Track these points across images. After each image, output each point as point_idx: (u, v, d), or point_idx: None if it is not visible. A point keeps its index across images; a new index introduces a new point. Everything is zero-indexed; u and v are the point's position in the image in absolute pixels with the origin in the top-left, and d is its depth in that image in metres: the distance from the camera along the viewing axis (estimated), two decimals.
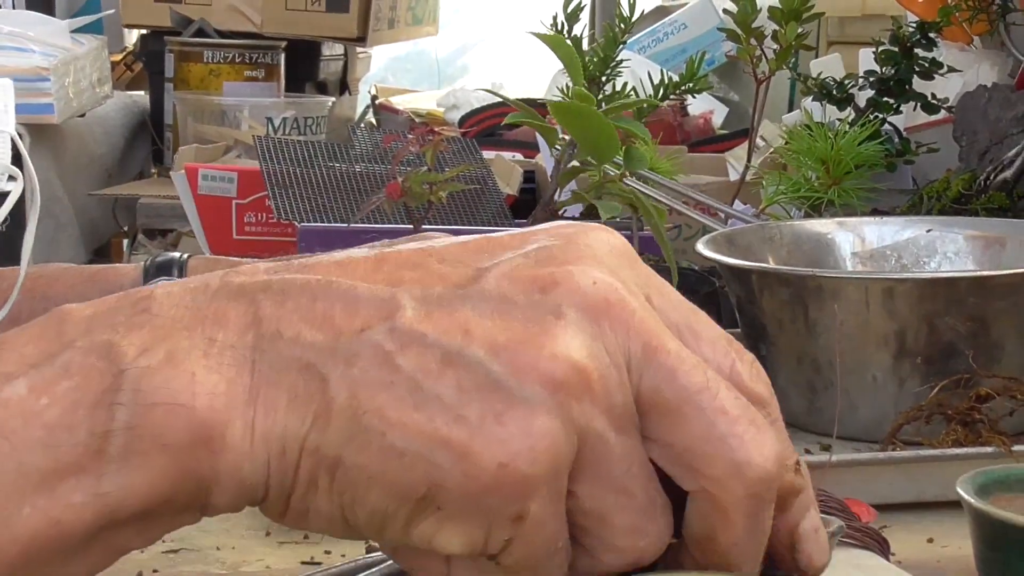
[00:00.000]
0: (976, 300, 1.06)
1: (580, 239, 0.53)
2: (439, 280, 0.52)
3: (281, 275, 0.52)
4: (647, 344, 0.51)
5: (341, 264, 0.53)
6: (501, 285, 0.51)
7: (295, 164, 1.79)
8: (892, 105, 1.60)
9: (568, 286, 0.51)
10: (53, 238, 2.59)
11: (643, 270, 0.54)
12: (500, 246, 0.53)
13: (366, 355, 0.50)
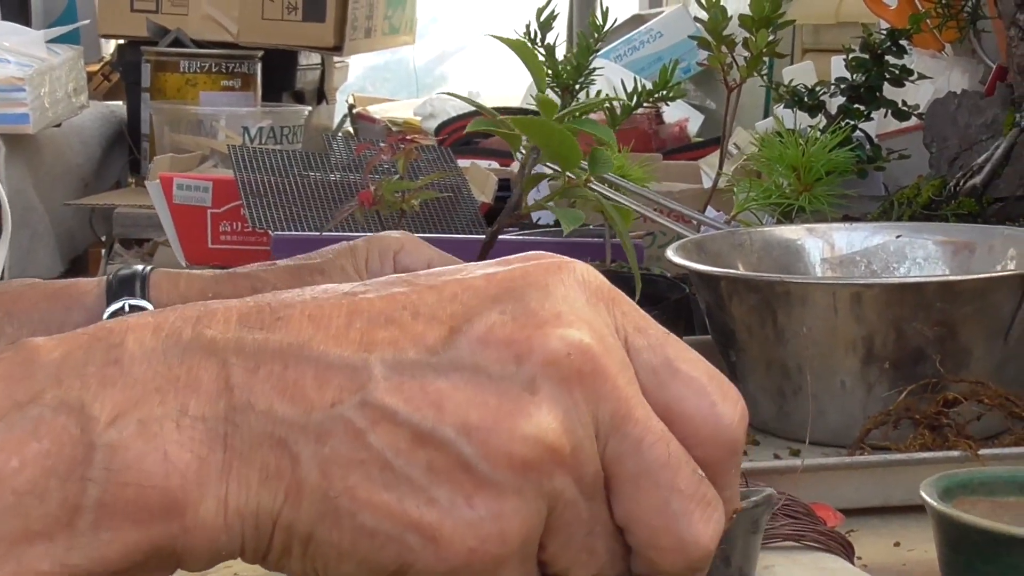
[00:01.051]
0: (944, 305, 1.07)
1: (557, 289, 0.52)
2: (412, 343, 0.51)
3: (254, 334, 0.51)
4: (616, 412, 0.51)
5: (314, 319, 0.52)
6: (475, 353, 0.51)
7: (270, 173, 1.79)
8: (863, 112, 1.61)
9: (543, 356, 0.51)
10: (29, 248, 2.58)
11: (621, 310, 0.54)
12: (475, 294, 0.52)
13: (337, 432, 0.50)
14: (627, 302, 0.54)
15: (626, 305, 0.54)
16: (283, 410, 0.50)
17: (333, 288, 0.54)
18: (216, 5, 2.85)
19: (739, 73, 1.50)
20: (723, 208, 1.62)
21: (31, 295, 1.01)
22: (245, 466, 0.50)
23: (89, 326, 0.53)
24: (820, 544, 0.78)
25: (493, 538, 0.50)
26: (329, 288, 0.54)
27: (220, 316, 0.52)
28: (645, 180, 1.46)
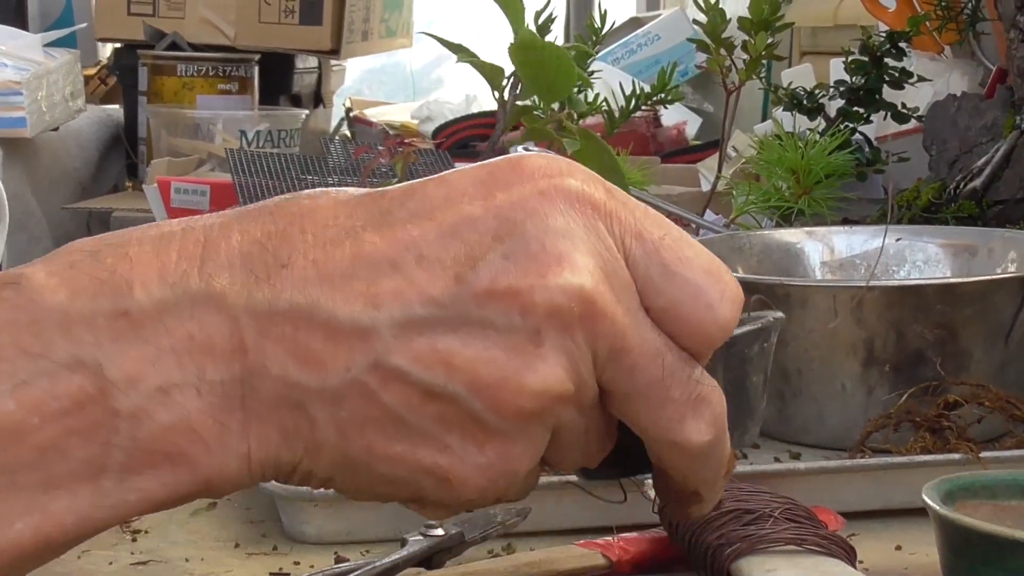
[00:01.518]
0: (944, 308, 1.07)
1: (555, 219, 0.54)
2: (418, 296, 0.53)
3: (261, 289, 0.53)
4: (612, 346, 0.54)
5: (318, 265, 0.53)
6: (482, 306, 0.53)
7: (267, 177, 1.79)
8: (862, 115, 1.61)
9: (546, 308, 0.53)
10: (27, 251, 2.58)
11: (618, 218, 0.55)
12: (475, 227, 0.53)
13: (351, 395, 0.53)
14: (623, 207, 0.55)
15: (622, 211, 0.55)
16: (297, 375, 0.53)
17: (333, 218, 0.54)
18: (213, 8, 2.84)
19: (738, 76, 1.50)
20: (722, 211, 1.61)
21: None
22: (264, 426, 0.53)
23: (85, 257, 0.53)
24: (822, 548, 0.78)
25: (503, 476, 0.55)
26: (328, 219, 0.54)
27: (224, 257, 0.53)
28: (644, 183, 1.46)
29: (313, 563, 0.88)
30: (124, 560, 0.90)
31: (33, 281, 0.52)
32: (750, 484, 0.85)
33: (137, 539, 0.93)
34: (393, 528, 0.90)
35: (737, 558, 0.78)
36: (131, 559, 0.90)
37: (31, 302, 0.52)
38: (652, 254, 0.55)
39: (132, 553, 0.91)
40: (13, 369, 0.51)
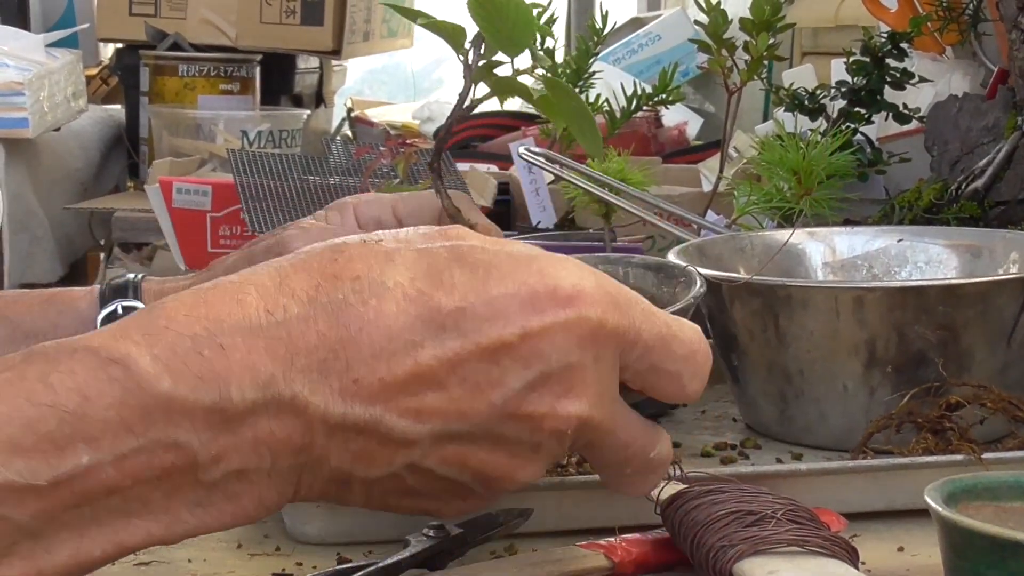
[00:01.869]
0: (946, 309, 1.07)
1: (572, 355, 0.71)
2: (456, 417, 0.70)
3: (336, 400, 0.68)
4: (591, 442, 0.76)
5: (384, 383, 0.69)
6: (502, 423, 0.71)
7: (269, 177, 1.79)
8: (863, 115, 1.61)
9: (552, 428, 0.72)
10: (29, 252, 2.58)
11: (624, 340, 0.74)
12: (508, 353, 0.70)
13: (386, 480, 0.71)
14: (626, 318, 0.73)
15: (625, 324, 0.73)
16: (350, 468, 0.70)
17: (398, 331, 0.69)
18: (214, 9, 2.85)
19: (739, 77, 1.49)
20: (723, 212, 1.61)
21: (25, 300, 1.05)
22: (310, 494, 0.71)
23: (186, 344, 0.66)
24: (825, 549, 0.78)
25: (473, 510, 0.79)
26: (393, 332, 0.69)
27: (304, 361, 0.67)
28: (645, 184, 1.46)
29: (316, 564, 0.88)
30: (127, 560, 0.89)
31: (140, 366, 0.65)
32: (751, 485, 0.85)
33: None
34: (395, 529, 0.90)
35: (739, 559, 0.78)
36: (134, 559, 0.90)
37: (138, 387, 0.65)
38: (643, 357, 0.75)
39: (135, 554, 0.90)
40: (117, 444, 0.64)
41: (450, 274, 0.71)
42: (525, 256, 0.72)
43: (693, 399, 0.78)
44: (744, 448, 1.12)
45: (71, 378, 0.64)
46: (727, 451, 1.11)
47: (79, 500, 0.65)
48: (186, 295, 0.69)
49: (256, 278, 0.69)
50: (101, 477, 0.64)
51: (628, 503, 0.89)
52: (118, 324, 0.68)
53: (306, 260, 0.70)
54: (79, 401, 0.64)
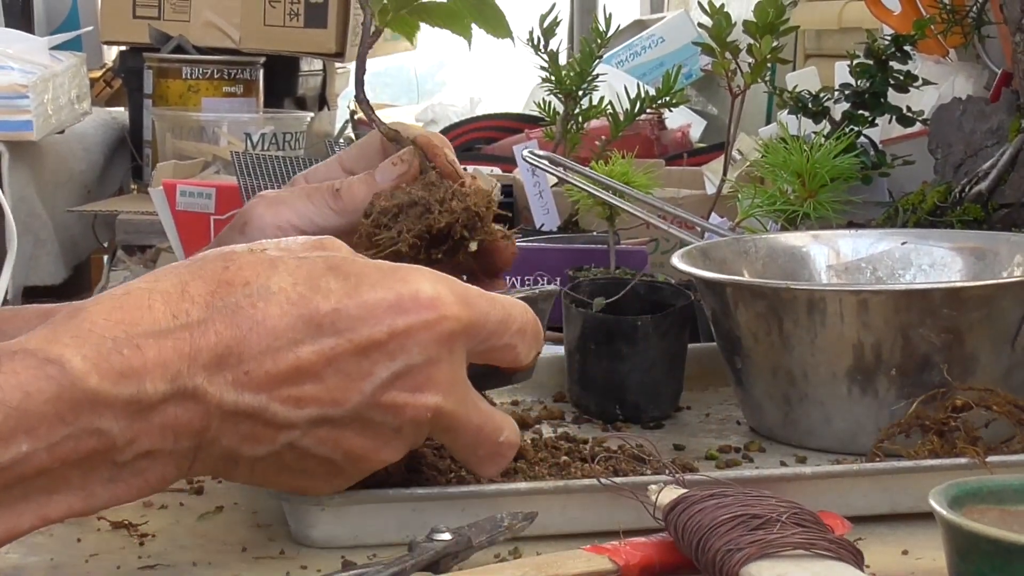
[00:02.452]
0: (950, 311, 1.07)
1: (431, 350, 0.83)
2: (331, 404, 0.82)
3: (230, 390, 0.80)
4: (444, 427, 0.86)
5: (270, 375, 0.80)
6: (369, 409, 0.83)
7: (272, 179, 1.79)
8: (867, 118, 1.61)
9: (412, 416, 0.84)
10: (33, 254, 2.58)
11: (468, 326, 0.85)
12: (377, 348, 0.82)
13: (269, 458, 0.83)
14: (475, 315, 0.85)
15: (473, 321, 0.85)
16: (239, 447, 0.81)
17: (282, 331, 0.80)
18: (218, 12, 2.85)
19: (743, 79, 1.50)
20: (727, 214, 1.62)
21: (23, 315, 1.06)
22: (203, 468, 0.83)
23: (109, 345, 0.77)
24: (831, 552, 0.78)
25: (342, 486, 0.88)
26: (279, 331, 0.80)
27: (206, 357, 0.79)
28: (648, 186, 1.46)
29: (320, 567, 0.88)
30: (132, 564, 0.90)
31: (73, 365, 0.75)
32: (755, 489, 0.85)
33: (144, 543, 0.93)
34: (399, 532, 0.90)
35: (747, 562, 0.78)
36: (138, 563, 0.90)
37: (71, 384, 0.75)
38: (488, 340, 0.87)
39: (140, 557, 0.91)
40: (51, 433, 0.75)
41: (326, 281, 0.82)
42: (390, 267, 0.85)
43: (528, 364, 0.91)
44: (748, 451, 1.12)
45: (15, 377, 0.75)
46: (731, 454, 1.11)
47: (14, 482, 0.75)
48: (103, 300, 0.80)
49: (161, 286, 0.80)
50: (35, 462, 0.75)
51: (632, 506, 0.89)
52: (48, 328, 0.78)
53: (202, 268, 0.82)
54: (21, 397, 0.74)
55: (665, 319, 1.21)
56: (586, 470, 0.97)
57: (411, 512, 0.91)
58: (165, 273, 0.82)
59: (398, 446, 0.85)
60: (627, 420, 1.21)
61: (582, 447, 1.04)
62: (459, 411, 0.86)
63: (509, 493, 0.92)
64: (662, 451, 1.06)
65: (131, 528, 0.95)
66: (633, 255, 1.56)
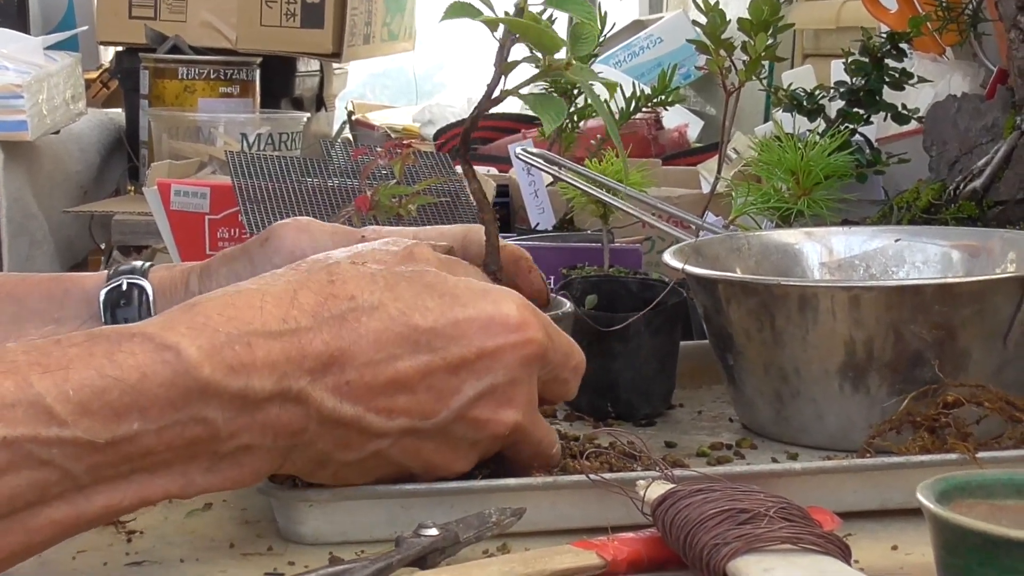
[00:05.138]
0: (942, 308, 1.06)
1: (514, 371, 0.88)
2: (419, 415, 0.86)
3: (332, 396, 0.84)
4: (516, 440, 0.91)
5: (370, 387, 0.85)
6: (453, 423, 0.87)
7: (268, 179, 1.79)
8: (862, 116, 1.60)
9: (491, 432, 0.89)
10: (29, 255, 2.58)
11: (546, 360, 0.91)
12: (465, 367, 0.87)
13: (356, 463, 0.87)
14: (551, 344, 0.91)
15: (549, 348, 0.90)
16: (332, 452, 0.86)
17: (384, 344, 0.85)
18: (214, 12, 2.84)
19: (738, 77, 1.49)
20: (722, 213, 1.61)
21: (32, 279, 1.09)
22: (293, 466, 0.86)
23: (223, 340, 0.81)
24: (818, 547, 0.78)
25: None
26: (381, 343, 0.85)
27: (311, 363, 0.83)
28: (643, 185, 1.45)
29: (308, 563, 0.88)
30: (119, 561, 0.89)
31: (188, 354, 0.79)
32: (743, 484, 0.85)
33: (132, 540, 0.93)
34: (387, 528, 0.90)
35: (733, 557, 0.77)
36: (126, 559, 0.89)
37: (185, 371, 0.79)
38: (554, 370, 0.92)
39: (127, 554, 0.90)
40: (162, 416, 0.78)
41: (423, 299, 0.87)
42: (481, 288, 0.90)
43: (570, 399, 0.97)
44: (740, 448, 1.11)
45: (132, 358, 0.78)
46: (722, 451, 1.11)
47: (122, 460, 0.78)
48: (216, 297, 0.84)
49: (272, 289, 0.85)
50: (143, 442, 0.78)
51: (621, 503, 0.89)
52: (165, 317, 0.82)
53: (308, 277, 0.86)
54: (138, 377, 0.78)
55: (657, 317, 1.20)
56: (576, 466, 0.96)
57: (399, 508, 0.91)
58: (274, 277, 0.87)
59: (472, 458, 0.90)
60: (619, 418, 1.21)
61: (573, 444, 1.03)
62: (530, 428, 0.91)
63: (498, 489, 0.91)
64: (654, 448, 1.05)
65: (119, 525, 0.94)
66: (628, 254, 1.56)
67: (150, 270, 1.09)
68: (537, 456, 0.93)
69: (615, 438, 1.02)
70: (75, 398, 0.76)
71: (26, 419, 0.75)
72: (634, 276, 1.33)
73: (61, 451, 0.76)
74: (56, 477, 0.76)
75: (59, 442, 0.76)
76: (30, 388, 0.76)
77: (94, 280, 1.09)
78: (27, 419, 0.75)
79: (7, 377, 0.76)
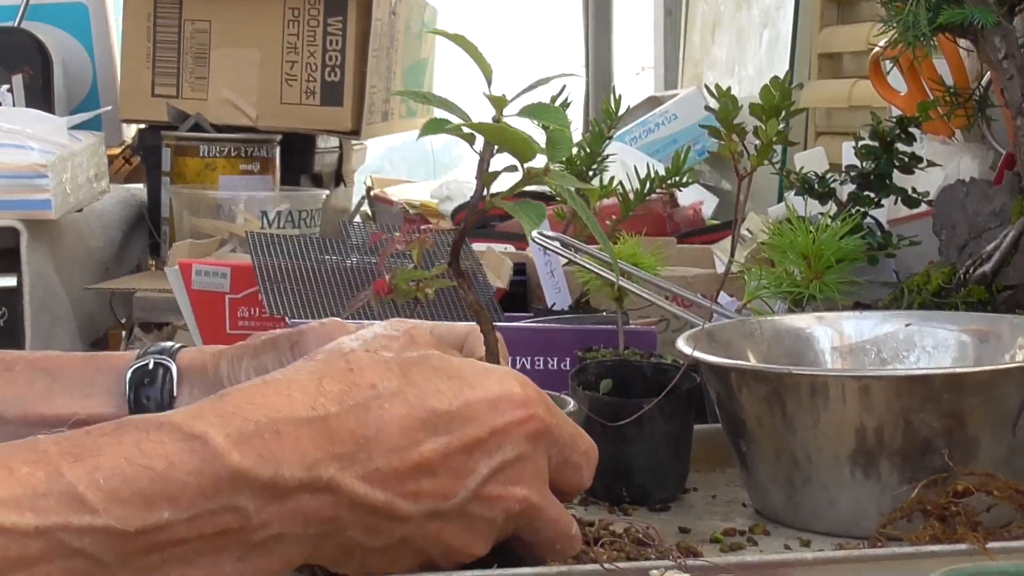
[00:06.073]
0: (951, 396, 1.08)
1: (527, 449, 0.91)
2: (442, 497, 0.88)
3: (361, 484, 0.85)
4: (530, 519, 0.92)
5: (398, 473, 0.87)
6: (471, 503, 0.89)
7: (287, 258, 1.81)
8: (873, 199, 1.62)
9: (505, 510, 0.91)
10: (50, 331, 2.60)
11: (552, 438, 0.93)
12: (479, 447, 0.89)
13: (381, 549, 0.88)
14: (555, 421, 0.93)
15: (554, 426, 0.93)
16: (360, 538, 0.87)
17: (408, 431, 0.87)
18: (235, 90, 2.88)
19: (750, 162, 1.51)
20: (736, 293, 1.63)
21: (67, 356, 1.12)
22: (322, 554, 0.88)
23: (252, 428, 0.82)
24: None
25: None
26: (406, 430, 0.87)
27: (340, 449, 0.85)
28: (656, 267, 1.47)
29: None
30: None
31: (216, 442, 0.81)
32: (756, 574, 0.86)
33: None
34: None
35: None
36: None
37: (214, 459, 0.81)
38: (560, 452, 0.94)
39: None
40: (192, 505, 0.80)
41: (435, 383, 0.90)
42: (483, 368, 0.93)
43: (586, 488, 0.98)
44: (753, 534, 1.13)
45: (161, 447, 0.80)
46: (736, 537, 1.12)
47: (153, 548, 0.79)
48: (244, 387, 0.86)
49: (298, 377, 0.87)
50: (174, 531, 0.79)
51: None
52: (194, 407, 0.83)
53: (328, 365, 0.89)
54: (166, 466, 0.79)
55: (670, 402, 1.22)
56: (591, 554, 0.98)
57: None
58: (297, 367, 0.89)
59: (489, 539, 0.92)
60: (634, 502, 1.22)
61: (588, 530, 1.05)
62: (542, 504, 0.92)
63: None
64: (668, 534, 1.07)
65: None
66: (642, 336, 1.58)
67: (180, 351, 1.11)
68: (557, 537, 0.94)
69: (630, 524, 1.04)
70: (106, 486, 0.78)
71: (58, 508, 0.77)
72: (648, 360, 1.35)
73: (93, 540, 0.77)
74: (87, 566, 0.78)
75: (91, 531, 0.77)
76: (61, 477, 0.78)
77: (124, 359, 1.11)
78: (59, 508, 0.77)
79: (39, 467, 0.78)
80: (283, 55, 2.85)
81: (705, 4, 3.43)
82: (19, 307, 2.50)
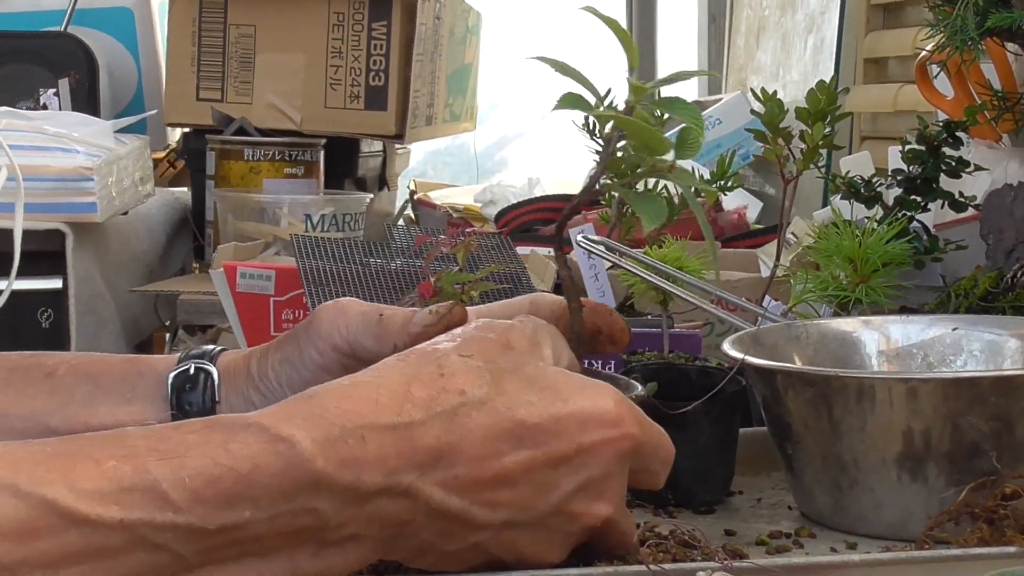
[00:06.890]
0: (999, 399, 1.08)
1: (610, 466, 0.91)
2: (519, 507, 0.88)
3: (440, 492, 0.86)
4: (606, 531, 0.93)
5: (477, 481, 0.87)
6: (550, 516, 0.90)
7: (331, 261, 1.82)
8: (919, 203, 1.62)
9: (584, 525, 0.91)
10: (95, 334, 2.62)
11: (639, 445, 0.93)
12: (564, 462, 0.89)
13: (454, 553, 0.90)
14: (645, 435, 0.93)
15: (643, 440, 0.93)
16: (435, 541, 0.88)
17: (491, 441, 0.87)
18: (280, 94, 2.89)
19: (796, 166, 1.51)
20: (782, 297, 1.63)
21: (109, 360, 1.12)
22: (397, 553, 0.89)
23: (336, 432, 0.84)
24: None
25: None
26: (489, 440, 0.88)
27: (421, 457, 0.86)
28: (701, 271, 1.47)
29: None
30: None
31: (302, 447, 0.82)
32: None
33: None
34: None
35: None
36: None
37: (298, 463, 0.82)
38: (645, 461, 0.94)
39: None
40: (273, 506, 0.81)
41: (526, 394, 0.89)
42: (579, 381, 0.92)
43: (658, 489, 0.99)
44: (799, 537, 1.13)
45: (247, 448, 0.81)
46: (781, 539, 1.12)
47: (232, 544, 0.81)
48: (332, 388, 0.87)
49: (387, 382, 0.88)
50: (253, 529, 0.81)
51: None
52: (282, 407, 0.85)
53: (418, 368, 0.89)
54: (251, 468, 0.81)
55: (716, 405, 1.22)
56: (637, 556, 0.98)
57: None
58: (387, 368, 0.90)
59: (564, 550, 0.92)
60: (679, 505, 1.22)
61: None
62: (620, 519, 0.93)
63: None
64: (713, 536, 1.07)
65: None
66: (687, 339, 1.58)
67: (220, 355, 1.12)
68: (621, 547, 0.95)
69: (675, 526, 1.04)
70: (190, 485, 0.80)
71: (142, 503, 0.79)
72: (693, 363, 1.35)
73: (174, 535, 0.79)
74: (167, 560, 0.80)
75: (173, 527, 0.79)
76: (147, 474, 0.79)
77: (166, 363, 1.11)
78: (143, 503, 0.79)
79: (126, 461, 0.80)
80: (327, 59, 2.87)
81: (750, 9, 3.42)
82: (65, 309, 2.52)
